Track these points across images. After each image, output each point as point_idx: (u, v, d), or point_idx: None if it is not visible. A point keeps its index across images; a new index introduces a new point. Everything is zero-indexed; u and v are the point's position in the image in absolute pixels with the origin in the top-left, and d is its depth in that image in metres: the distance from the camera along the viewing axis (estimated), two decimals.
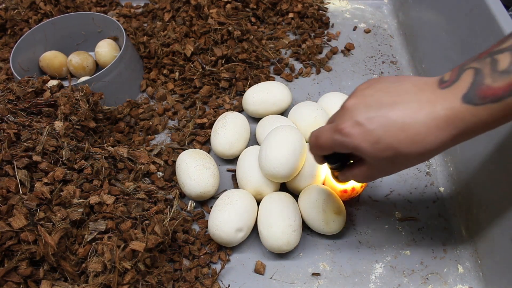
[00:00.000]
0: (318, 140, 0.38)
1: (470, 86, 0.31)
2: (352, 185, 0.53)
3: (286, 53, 0.77)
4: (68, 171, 0.49)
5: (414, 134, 0.32)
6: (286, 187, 0.56)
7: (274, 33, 0.79)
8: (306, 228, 0.54)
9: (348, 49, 0.77)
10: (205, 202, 0.57)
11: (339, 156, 0.40)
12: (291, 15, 0.80)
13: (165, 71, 0.71)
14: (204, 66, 0.69)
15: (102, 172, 0.51)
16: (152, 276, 0.45)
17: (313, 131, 0.39)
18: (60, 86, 0.58)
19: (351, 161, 0.41)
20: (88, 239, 0.44)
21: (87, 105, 0.56)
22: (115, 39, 0.74)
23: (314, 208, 0.50)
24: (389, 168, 0.36)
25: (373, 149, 0.33)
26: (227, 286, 0.49)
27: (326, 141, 0.37)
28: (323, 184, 0.55)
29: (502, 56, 0.30)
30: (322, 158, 0.41)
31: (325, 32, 0.80)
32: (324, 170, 0.55)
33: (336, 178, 0.44)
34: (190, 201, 0.55)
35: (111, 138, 0.60)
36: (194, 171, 0.54)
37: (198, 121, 0.64)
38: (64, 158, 0.49)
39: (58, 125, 0.51)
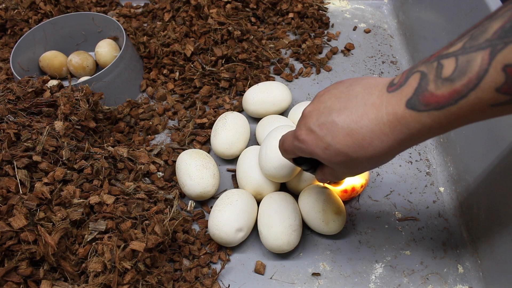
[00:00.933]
0: (283, 145, 0.41)
1: (414, 91, 0.30)
2: (352, 185, 0.53)
3: (286, 53, 0.77)
4: (68, 171, 0.49)
5: (360, 139, 0.32)
6: (286, 187, 0.56)
7: (274, 33, 0.79)
8: (306, 228, 0.54)
9: (348, 49, 0.77)
10: (205, 202, 0.57)
11: (306, 159, 0.41)
12: (291, 15, 0.80)
13: (165, 71, 0.71)
14: (204, 66, 0.69)
15: (102, 172, 0.51)
16: (152, 276, 0.45)
17: (282, 135, 0.42)
18: (60, 86, 0.58)
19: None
20: (88, 239, 0.44)
21: (87, 105, 0.56)
22: (115, 39, 0.74)
23: (314, 208, 0.50)
24: (347, 170, 0.37)
25: (325, 155, 0.35)
26: (227, 286, 0.49)
27: (289, 147, 0.39)
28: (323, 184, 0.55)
29: (447, 62, 0.28)
30: (292, 160, 0.43)
31: (325, 32, 0.80)
32: None
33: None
34: (190, 201, 0.55)
35: (111, 138, 0.60)
36: (194, 171, 0.54)
37: (198, 121, 0.64)
38: (64, 158, 0.49)
39: (58, 125, 0.51)
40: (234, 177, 0.60)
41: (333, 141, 0.33)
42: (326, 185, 0.55)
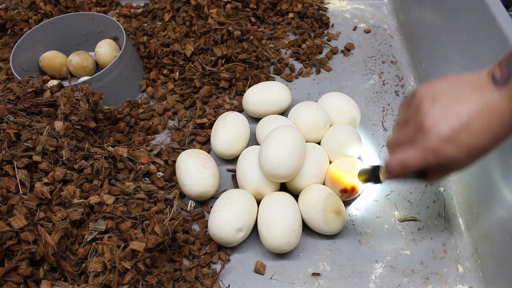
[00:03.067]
0: (406, 167, 0.40)
1: None
2: (352, 185, 0.53)
3: (286, 53, 0.77)
4: (68, 171, 0.49)
5: (495, 132, 0.37)
6: (286, 187, 0.56)
7: (274, 33, 0.79)
8: (306, 228, 0.54)
9: (348, 49, 0.77)
10: (205, 202, 0.57)
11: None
12: (291, 15, 0.80)
13: (165, 71, 0.71)
14: (204, 66, 0.69)
15: (102, 172, 0.51)
16: (152, 276, 0.45)
17: (391, 161, 0.41)
18: (60, 86, 0.58)
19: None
20: (88, 239, 0.44)
21: (87, 105, 0.56)
22: (115, 39, 0.74)
23: (314, 208, 0.50)
24: (468, 166, 0.40)
25: (467, 156, 0.38)
26: (227, 286, 0.49)
27: (418, 164, 0.39)
28: (323, 184, 0.55)
29: None
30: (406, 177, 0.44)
31: (325, 32, 0.80)
32: (325, 170, 0.55)
33: (366, 181, 0.47)
34: (190, 201, 0.55)
35: (111, 138, 0.60)
36: (194, 171, 0.54)
37: (198, 121, 0.64)
38: (64, 158, 0.49)
39: (58, 125, 0.51)
40: (234, 177, 0.60)
41: (473, 142, 0.37)
42: (327, 184, 0.55)
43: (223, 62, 0.69)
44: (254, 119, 0.65)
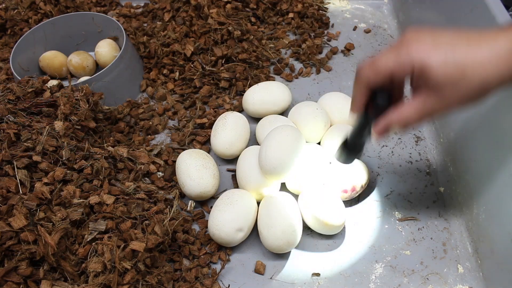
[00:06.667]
0: (375, 63, 0.35)
1: None
2: (352, 185, 0.53)
3: (286, 53, 0.77)
4: (68, 171, 0.49)
5: (480, 57, 0.32)
6: (286, 187, 0.56)
7: (274, 33, 0.79)
8: (306, 228, 0.54)
9: (348, 49, 0.77)
10: (205, 202, 0.57)
11: (382, 97, 0.37)
12: (291, 15, 0.80)
13: (165, 71, 0.71)
14: (204, 66, 0.69)
15: (102, 172, 0.51)
16: (152, 276, 0.45)
17: (364, 62, 0.37)
18: (60, 86, 0.58)
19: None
20: (88, 239, 0.44)
21: (87, 105, 0.56)
22: (115, 39, 0.74)
23: (314, 208, 0.50)
24: (446, 98, 0.34)
25: (440, 65, 0.32)
26: (227, 286, 0.49)
27: (387, 62, 0.34)
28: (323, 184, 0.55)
29: None
30: (365, 98, 0.39)
31: (325, 32, 0.80)
32: (325, 171, 0.55)
33: (353, 149, 0.46)
34: (190, 201, 0.55)
35: (111, 138, 0.60)
36: (194, 171, 0.54)
37: (198, 121, 0.64)
38: (64, 158, 0.49)
39: (58, 125, 0.51)
40: (234, 177, 0.60)
41: (453, 53, 0.32)
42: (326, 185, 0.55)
43: (223, 62, 0.69)
44: (254, 119, 0.65)
